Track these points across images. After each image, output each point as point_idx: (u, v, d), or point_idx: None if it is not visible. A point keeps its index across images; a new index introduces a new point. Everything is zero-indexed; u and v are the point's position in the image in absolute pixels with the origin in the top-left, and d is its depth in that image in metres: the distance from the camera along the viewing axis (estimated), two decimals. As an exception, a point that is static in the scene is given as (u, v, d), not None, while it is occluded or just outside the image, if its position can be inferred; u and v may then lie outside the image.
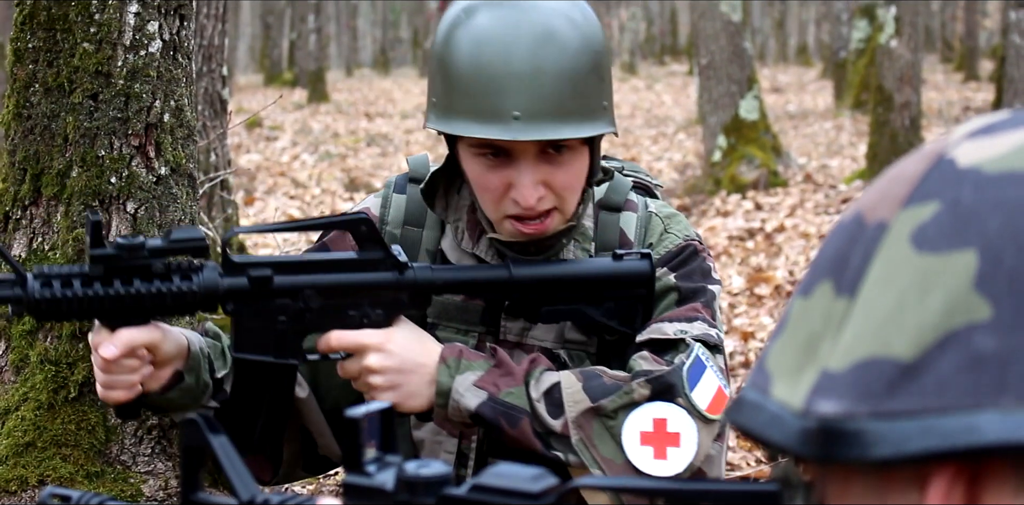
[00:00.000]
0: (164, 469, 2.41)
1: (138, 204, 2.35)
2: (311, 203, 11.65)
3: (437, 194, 2.39)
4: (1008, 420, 0.69)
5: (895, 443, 0.72)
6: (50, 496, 1.35)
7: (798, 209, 10.26)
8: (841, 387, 0.74)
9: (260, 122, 19.06)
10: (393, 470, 1.07)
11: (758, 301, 7.18)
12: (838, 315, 0.77)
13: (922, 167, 0.77)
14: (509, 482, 1.01)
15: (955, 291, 0.72)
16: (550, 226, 2.26)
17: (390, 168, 14.45)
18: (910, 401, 0.72)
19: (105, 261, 1.96)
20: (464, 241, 2.37)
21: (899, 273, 0.74)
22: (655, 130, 18.80)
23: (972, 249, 0.72)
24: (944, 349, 0.71)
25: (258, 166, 14.17)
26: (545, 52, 2.15)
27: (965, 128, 0.79)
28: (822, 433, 0.74)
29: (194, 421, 1.20)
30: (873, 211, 0.78)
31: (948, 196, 0.74)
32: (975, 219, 0.73)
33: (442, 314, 2.38)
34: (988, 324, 0.71)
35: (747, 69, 12.00)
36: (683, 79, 31.96)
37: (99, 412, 2.36)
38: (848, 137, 16.65)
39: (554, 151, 2.21)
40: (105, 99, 2.33)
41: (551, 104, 2.15)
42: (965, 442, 0.70)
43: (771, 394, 0.80)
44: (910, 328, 0.72)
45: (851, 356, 0.74)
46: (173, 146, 2.40)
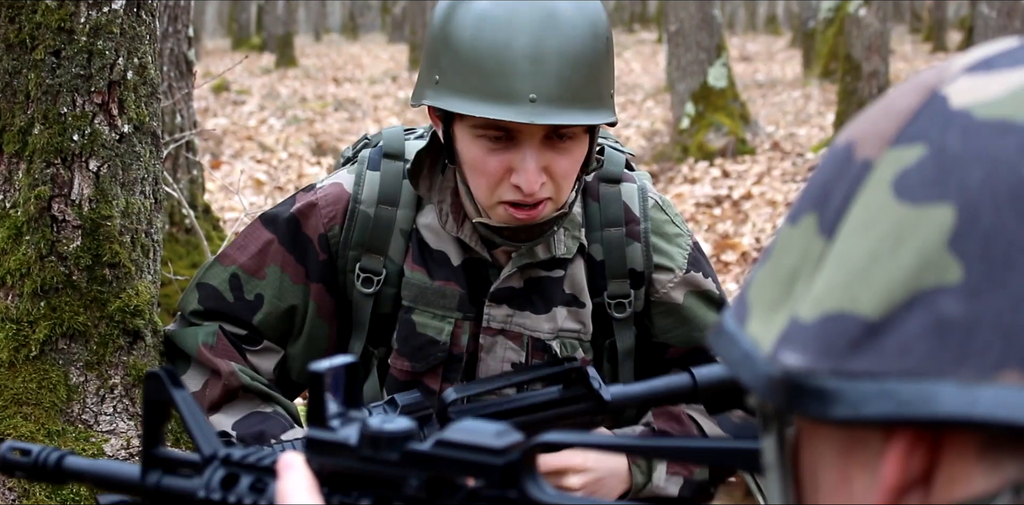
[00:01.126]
0: (126, 428, 2.40)
1: (101, 162, 2.33)
2: (278, 167, 11.61)
3: (421, 174, 2.36)
4: (965, 393, 0.68)
5: (853, 404, 0.71)
6: (10, 450, 1.33)
7: (765, 177, 10.28)
8: (807, 339, 0.73)
9: (227, 86, 18.95)
10: (357, 425, 1.06)
11: (724, 267, 7.19)
12: (815, 254, 0.76)
13: (915, 102, 0.75)
14: (473, 437, 1.00)
15: (928, 248, 0.70)
16: (542, 213, 2.23)
17: (357, 133, 14.39)
18: (871, 362, 0.71)
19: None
20: (448, 223, 2.35)
21: (876, 221, 0.72)
22: (623, 98, 18.77)
23: (950, 204, 0.70)
24: (911, 310, 0.70)
25: (225, 130, 14.10)
26: (552, 34, 2.13)
27: (965, 59, 0.77)
28: (785, 385, 0.74)
29: (157, 375, 1.19)
30: (862, 144, 0.76)
31: (935, 140, 0.73)
32: (957, 170, 0.71)
33: (419, 298, 2.37)
34: (957, 287, 0.69)
35: (716, 37, 11.99)
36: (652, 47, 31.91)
37: (60, 371, 2.35)
38: (816, 106, 16.66)
39: (558, 138, 2.18)
40: (67, 56, 2.31)
41: (565, 89, 2.12)
42: (921, 412, 0.69)
43: (746, 329, 0.79)
44: (879, 284, 0.71)
45: (820, 307, 0.73)
46: (136, 104, 2.38)
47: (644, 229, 2.40)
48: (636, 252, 2.40)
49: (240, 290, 2.40)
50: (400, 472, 1.03)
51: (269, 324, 2.41)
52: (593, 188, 2.42)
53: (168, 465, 1.21)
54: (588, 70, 2.15)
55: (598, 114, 2.17)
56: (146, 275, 2.43)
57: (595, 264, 2.41)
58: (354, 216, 2.37)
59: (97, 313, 2.35)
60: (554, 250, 2.35)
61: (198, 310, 2.42)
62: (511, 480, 0.99)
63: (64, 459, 1.30)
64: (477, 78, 2.13)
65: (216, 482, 1.15)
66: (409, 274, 2.37)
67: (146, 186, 2.42)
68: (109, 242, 2.34)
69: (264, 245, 2.39)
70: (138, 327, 2.39)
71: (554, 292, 2.38)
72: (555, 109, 2.11)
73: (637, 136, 13.88)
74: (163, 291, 4.26)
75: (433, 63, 2.21)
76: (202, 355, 2.37)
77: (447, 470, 1.01)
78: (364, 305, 2.38)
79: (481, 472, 0.99)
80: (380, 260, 2.37)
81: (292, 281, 2.39)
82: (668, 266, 2.41)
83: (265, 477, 1.13)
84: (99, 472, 1.28)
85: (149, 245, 2.43)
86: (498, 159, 2.18)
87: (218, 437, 1.19)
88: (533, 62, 2.11)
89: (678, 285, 2.42)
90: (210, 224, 5.34)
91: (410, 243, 2.37)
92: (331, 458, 1.06)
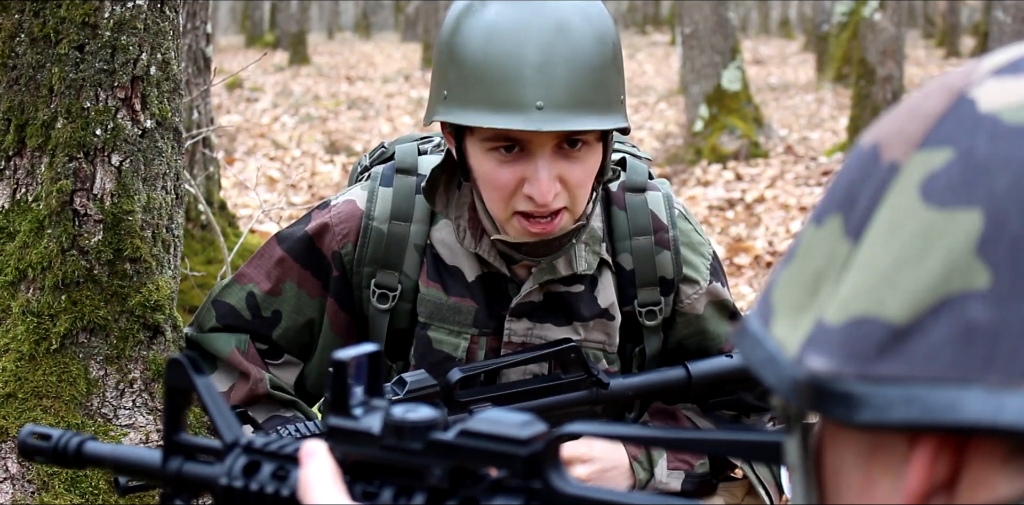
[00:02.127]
0: (145, 423, 2.40)
1: (123, 157, 2.34)
2: (291, 165, 11.61)
3: (437, 190, 2.36)
4: (991, 400, 0.67)
5: (878, 409, 0.70)
6: (30, 434, 1.33)
7: (778, 180, 10.27)
8: (833, 343, 0.73)
9: (240, 83, 18.97)
10: (380, 414, 1.06)
11: (737, 270, 7.19)
12: (842, 257, 0.75)
13: (942, 104, 0.75)
14: (497, 428, 1.00)
15: (956, 253, 0.70)
16: (558, 225, 2.22)
17: (370, 131, 14.40)
18: (898, 367, 0.70)
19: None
20: (466, 239, 2.34)
21: (903, 225, 0.72)
22: (636, 100, 18.76)
23: (978, 209, 0.70)
24: (938, 315, 0.70)
25: (238, 127, 14.12)
26: (561, 43, 2.12)
27: (993, 61, 0.77)
28: (810, 388, 0.74)
29: (179, 361, 1.18)
30: (889, 146, 0.76)
31: (962, 144, 0.72)
32: (985, 175, 0.70)
33: (434, 314, 2.37)
34: (985, 293, 0.69)
35: (730, 39, 11.98)
36: (665, 49, 31.88)
37: (81, 364, 2.36)
38: (829, 110, 16.64)
39: (569, 147, 2.17)
40: (91, 50, 2.31)
41: (572, 95, 2.11)
42: (946, 418, 0.68)
43: (771, 330, 0.79)
44: (906, 288, 0.71)
45: (846, 311, 0.73)
46: (159, 99, 2.38)
47: (673, 237, 2.40)
48: (666, 260, 2.40)
49: (257, 308, 2.42)
50: (423, 461, 1.02)
51: (288, 338, 2.44)
52: (619, 197, 2.41)
53: (189, 451, 1.21)
54: (596, 76, 2.14)
55: (608, 119, 2.16)
56: (166, 270, 2.43)
57: (624, 273, 2.40)
58: (367, 233, 2.37)
59: (118, 307, 2.36)
60: (575, 266, 2.35)
61: (216, 327, 2.45)
62: (535, 470, 0.98)
63: (84, 444, 1.30)
64: (483, 89, 2.12)
65: (238, 469, 1.14)
66: (424, 290, 2.37)
67: (167, 181, 2.42)
68: (130, 237, 2.35)
69: (278, 263, 2.42)
70: (158, 322, 2.40)
71: (578, 307, 2.37)
72: (563, 116, 2.10)
73: (650, 138, 13.86)
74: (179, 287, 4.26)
75: (441, 79, 2.21)
76: (235, 357, 2.39)
77: (470, 460, 1.01)
78: (380, 321, 2.39)
79: (505, 462, 0.99)
80: (395, 276, 2.37)
81: (310, 295, 2.42)
82: (694, 278, 2.42)
83: (287, 465, 1.13)
84: (120, 457, 1.27)
85: (170, 240, 2.43)
86: (510, 171, 2.18)
87: (239, 424, 1.19)
88: (539, 70, 2.10)
89: (702, 296, 2.43)
90: (226, 220, 5.34)
91: (424, 258, 2.37)
92: (354, 447, 1.06)
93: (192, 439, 1.20)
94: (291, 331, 2.43)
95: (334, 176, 10.56)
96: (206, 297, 2.51)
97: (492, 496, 1.00)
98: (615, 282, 2.40)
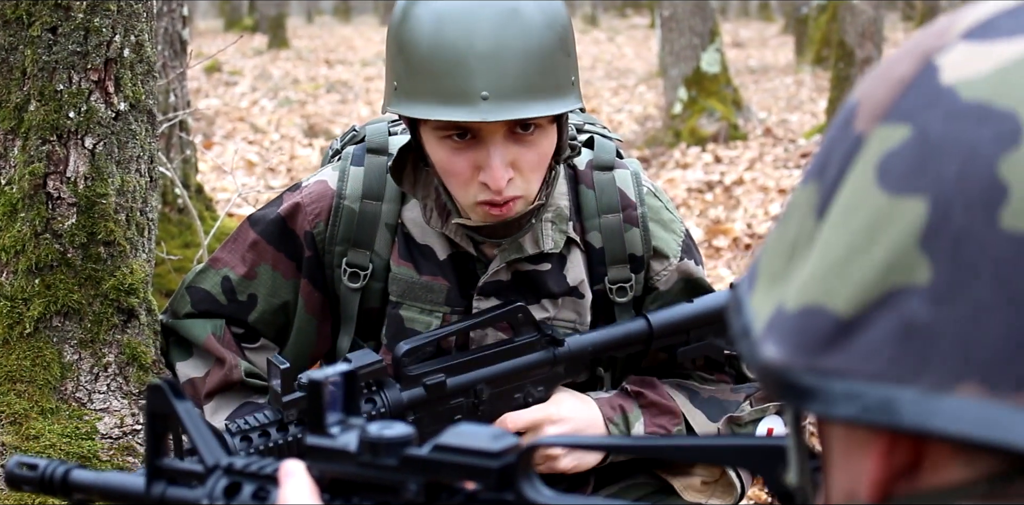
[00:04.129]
0: (120, 407, 2.40)
1: (96, 140, 2.33)
2: (270, 148, 11.59)
3: (405, 170, 2.36)
4: (924, 404, 0.67)
5: (825, 402, 0.71)
6: (18, 465, 1.36)
7: (757, 163, 10.28)
8: (787, 331, 0.74)
9: (219, 67, 18.90)
10: (356, 432, 1.08)
11: (716, 253, 7.20)
12: (809, 233, 0.75)
13: (910, 70, 0.74)
14: (470, 441, 1.01)
15: (901, 244, 0.69)
16: (513, 209, 2.23)
17: (349, 115, 14.37)
18: (842, 361, 0.70)
19: (297, 404, 2.04)
20: (433, 219, 2.35)
21: (859, 208, 0.72)
22: (616, 82, 18.75)
23: (924, 197, 0.69)
24: (881, 309, 0.69)
25: (217, 111, 14.07)
26: (509, 29, 2.11)
27: (967, 19, 0.75)
28: (768, 375, 0.74)
29: (159, 387, 1.20)
30: (861, 113, 0.76)
31: (919, 122, 0.71)
32: (934, 159, 0.70)
33: (406, 293, 2.37)
34: (925, 289, 0.68)
35: (709, 22, 11.97)
36: (645, 32, 31.86)
37: (54, 348, 2.35)
38: (808, 92, 16.65)
39: (522, 130, 2.17)
40: (64, 33, 2.30)
41: (519, 82, 2.11)
42: (882, 420, 0.68)
43: (752, 298, 0.79)
44: (853, 280, 0.71)
45: (802, 298, 0.73)
46: (133, 82, 2.37)
47: (642, 214, 2.41)
48: (635, 237, 2.40)
49: (233, 293, 2.42)
50: (399, 477, 1.04)
51: (265, 321, 2.43)
52: (587, 176, 2.42)
53: (172, 476, 1.23)
54: (545, 61, 2.14)
55: (557, 104, 2.16)
56: (141, 253, 2.42)
57: (594, 251, 2.41)
58: (339, 212, 2.37)
59: (91, 291, 2.35)
60: (541, 244, 2.35)
61: (191, 313, 2.44)
62: (508, 482, 1.00)
63: (70, 473, 1.33)
64: (428, 80, 2.12)
65: (219, 491, 1.17)
66: (396, 269, 2.37)
67: (141, 164, 2.41)
68: (104, 220, 2.33)
69: (252, 246, 2.42)
70: (132, 305, 2.39)
71: (546, 284, 2.37)
72: (509, 104, 2.10)
73: (629, 121, 13.86)
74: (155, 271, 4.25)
75: (392, 69, 2.22)
76: (210, 343, 2.39)
77: (445, 474, 1.02)
78: (352, 300, 2.39)
79: (478, 475, 1.00)
80: (366, 255, 2.37)
81: (284, 277, 2.42)
82: (664, 253, 2.42)
83: (267, 485, 1.15)
84: (105, 485, 1.31)
85: (144, 223, 2.42)
86: (464, 158, 2.18)
87: (219, 444, 1.21)
88: (486, 59, 2.09)
89: (673, 273, 2.43)
90: (203, 204, 5.32)
91: (396, 237, 2.37)
92: (331, 464, 1.08)
93: (174, 463, 1.23)
94: (267, 314, 2.42)
95: (313, 160, 10.53)
96: (180, 283, 2.51)
97: None
98: (585, 260, 2.40)
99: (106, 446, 2.36)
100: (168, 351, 2.46)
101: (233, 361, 2.37)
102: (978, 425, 0.66)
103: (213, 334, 2.40)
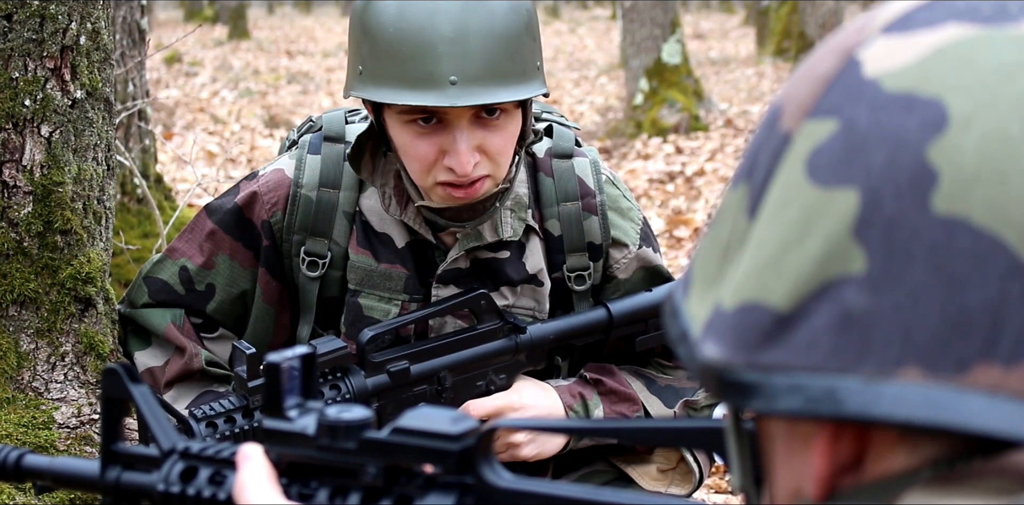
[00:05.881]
0: (77, 396, 2.38)
1: (53, 127, 2.31)
2: (230, 139, 11.53)
3: (363, 158, 2.35)
4: (867, 390, 0.68)
5: (767, 398, 0.71)
6: None
7: (718, 153, 10.30)
8: (725, 329, 0.74)
9: (180, 58, 18.81)
10: (314, 415, 1.07)
11: (677, 243, 7.21)
12: (741, 233, 0.76)
13: (833, 67, 0.75)
14: (429, 424, 1.01)
15: (834, 235, 0.70)
16: (480, 190, 2.23)
17: (310, 106, 14.32)
18: (782, 355, 0.71)
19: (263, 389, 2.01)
20: (392, 207, 2.35)
21: (790, 203, 0.72)
22: (577, 73, 18.75)
23: (855, 188, 0.70)
24: (818, 301, 0.70)
25: (177, 101, 14.01)
26: (474, 13, 2.11)
27: (885, 14, 0.76)
28: (707, 375, 0.74)
29: (115, 371, 1.19)
30: (785, 112, 0.76)
31: (845, 115, 0.72)
32: (863, 150, 0.70)
33: (364, 281, 2.37)
34: (861, 278, 0.69)
35: (670, 13, 11.98)
36: (606, 23, 31.87)
37: (11, 338, 2.33)
38: (769, 84, 16.68)
39: (488, 115, 2.17)
40: (19, 20, 2.28)
41: (486, 67, 2.11)
42: (827, 410, 0.69)
43: (688, 303, 0.79)
44: (789, 274, 0.71)
45: (738, 296, 0.74)
46: (89, 69, 2.36)
47: (601, 202, 2.41)
48: (593, 225, 2.41)
49: (191, 282, 2.41)
50: (358, 460, 1.04)
51: (223, 311, 2.43)
52: (546, 164, 2.42)
53: (128, 460, 1.22)
54: (510, 46, 2.14)
55: (523, 89, 2.16)
56: (98, 242, 2.41)
57: (553, 239, 2.41)
58: (296, 200, 2.37)
59: (48, 280, 2.34)
60: (500, 232, 2.35)
61: (149, 304, 2.43)
62: (467, 465, 0.99)
63: (23, 458, 1.32)
64: (395, 65, 2.12)
65: (175, 475, 1.16)
66: (354, 257, 2.37)
67: (98, 153, 2.40)
68: (61, 208, 2.32)
69: (210, 235, 2.41)
70: (90, 294, 2.38)
71: (505, 272, 2.38)
72: (477, 89, 2.10)
73: (591, 112, 13.86)
74: (114, 261, 4.23)
75: (356, 53, 2.21)
76: (170, 332, 2.38)
77: (404, 457, 1.02)
78: (310, 289, 2.39)
79: (437, 458, 1.00)
80: (325, 243, 2.37)
81: (242, 266, 2.41)
82: (623, 241, 2.43)
83: (224, 469, 1.15)
84: (58, 470, 1.29)
85: (101, 212, 2.41)
86: (429, 142, 2.18)
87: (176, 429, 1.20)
88: (452, 43, 2.10)
89: (632, 261, 2.44)
90: (162, 194, 5.30)
91: (354, 225, 2.37)
92: (289, 448, 1.08)
93: (129, 448, 1.22)
94: (225, 303, 2.42)
95: (273, 150, 10.49)
96: (136, 274, 2.49)
97: (426, 493, 1.02)
98: (543, 248, 2.40)
99: (63, 436, 2.35)
100: (126, 341, 2.45)
101: (193, 350, 2.36)
102: (922, 408, 0.66)
103: (173, 323, 2.39)
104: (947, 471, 0.69)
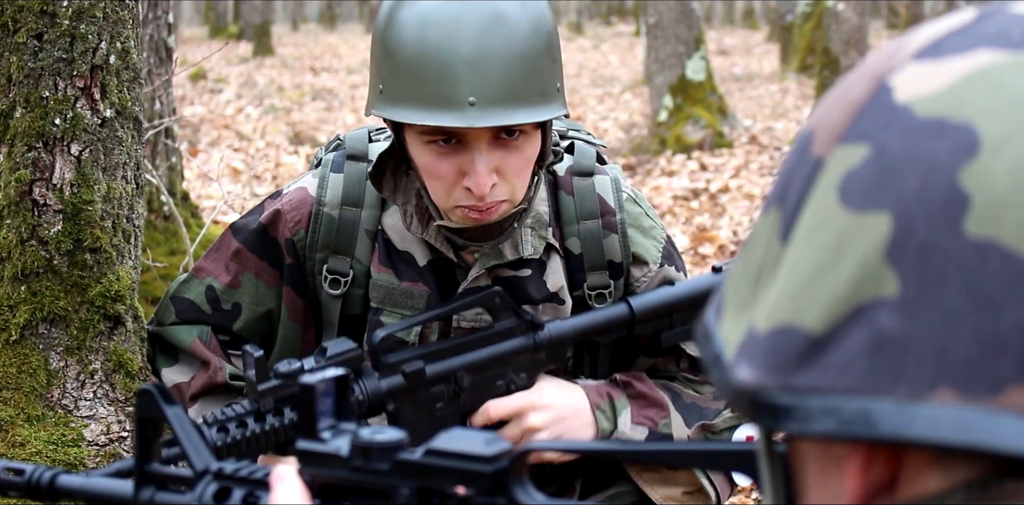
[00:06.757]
0: (106, 414, 2.39)
1: (82, 146, 2.33)
2: (255, 156, 11.57)
3: (384, 176, 2.36)
4: (902, 412, 0.68)
5: (802, 420, 0.71)
6: (4, 470, 1.35)
7: (743, 170, 10.29)
8: (759, 353, 0.74)
9: (204, 74, 18.89)
10: (348, 436, 1.08)
11: (702, 260, 7.20)
12: (774, 256, 0.76)
13: (864, 93, 0.75)
14: (463, 445, 1.01)
15: (867, 259, 0.70)
16: (496, 212, 2.23)
17: (335, 122, 14.36)
18: (816, 378, 0.71)
19: (273, 392, 2.03)
20: (413, 225, 2.35)
21: (823, 228, 0.73)
22: (601, 90, 18.76)
23: (887, 212, 0.70)
24: (852, 324, 0.70)
25: (202, 118, 14.06)
26: (494, 34, 2.11)
27: (918, 39, 0.76)
28: (742, 398, 0.75)
29: (149, 392, 1.19)
30: (817, 137, 0.76)
31: (877, 140, 0.72)
32: (895, 175, 0.70)
33: (387, 299, 2.37)
34: (894, 301, 0.69)
35: (694, 29, 11.98)
36: (630, 40, 31.90)
37: (41, 355, 2.34)
38: (793, 100, 16.67)
39: (507, 136, 2.17)
40: (50, 39, 2.30)
41: (505, 89, 2.11)
42: (861, 432, 0.69)
43: (720, 326, 0.80)
44: (823, 297, 0.71)
45: (771, 319, 0.74)
46: (119, 88, 2.37)
47: (621, 220, 2.41)
48: (614, 243, 2.40)
49: (217, 301, 2.42)
50: (391, 481, 1.04)
51: (250, 330, 2.43)
52: (566, 182, 2.42)
53: (161, 481, 1.22)
54: (530, 67, 2.14)
55: (543, 110, 2.16)
56: (127, 260, 2.42)
57: (573, 258, 2.41)
58: (319, 219, 2.37)
59: (78, 298, 2.35)
60: (521, 250, 2.35)
61: (176, 322, 2.44)
62: (500, 487, 1.00)
63: (57, 478, 1.32)
64: (415, 85, 2.12)
65: (209, 496, 1.16)
66: (376, 275, 2.37)
67: (128, 171, 2.41)
68: (90, 227, 2.33)
69: (235, 254, 2.42)
70: (119, 312, 2.39)
71: (526, 290, 2.37)
72: (496, 110, 2.10)
73: (615, 128, 13.87)
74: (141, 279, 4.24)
75: (377, 72, 2.21)
76: (196, 347, 2.39)
77: (437, 479, 1.02)
78: (333, 307, 2.39)
79: (471, 480, 1.00)
80: (347, 261, 2.37)
81: (268, 286, 2.42)
82: (644, 259, 2.42)
83: (257, 490, 1.15)
84: (92, 490, 1.30)
85: (130, 230, 2.42)
86: (449, 163, 2.18)
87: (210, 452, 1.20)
88: (472, 64, 2.09)
89: (653, 280, 2.43)
90: (189, 211, 5.32)
91: (376, 244, 2.37)
92: (323, 469, 1.08)
93: (163, 469, 1.22)
94: (252, 322, 2.42)
95: (298, 167, 10.52)
96: (164, 293, 2.50)
97: None
98: (564, 266, 2.40)
99: (92, 453, 2.36)
100: (154, 358, 2.46)
101: (218, 364, 2.37)
102: (955, 430, 0.66)
103: (199, 338, 2.40)
104: (980, 493, 0.69)
